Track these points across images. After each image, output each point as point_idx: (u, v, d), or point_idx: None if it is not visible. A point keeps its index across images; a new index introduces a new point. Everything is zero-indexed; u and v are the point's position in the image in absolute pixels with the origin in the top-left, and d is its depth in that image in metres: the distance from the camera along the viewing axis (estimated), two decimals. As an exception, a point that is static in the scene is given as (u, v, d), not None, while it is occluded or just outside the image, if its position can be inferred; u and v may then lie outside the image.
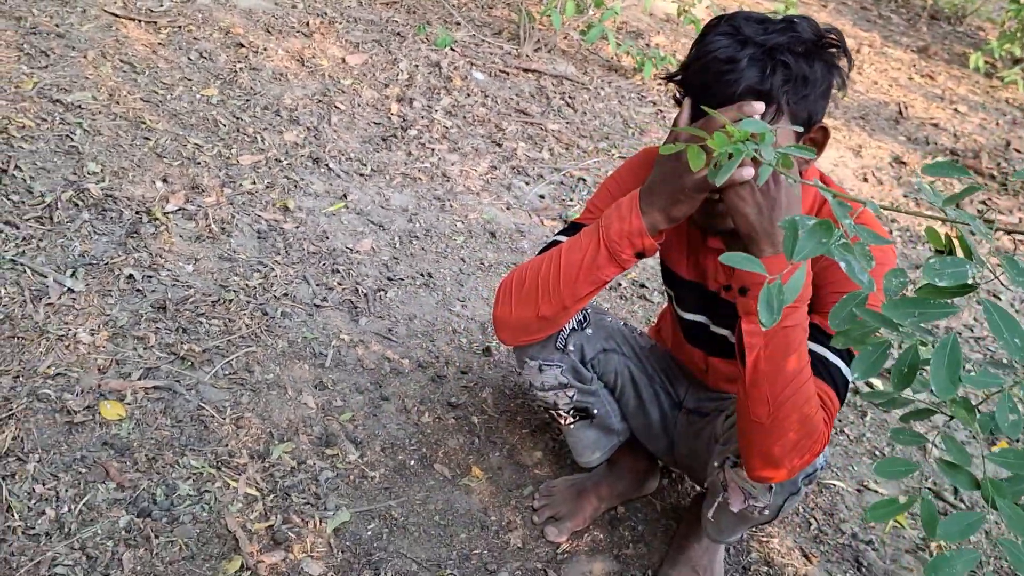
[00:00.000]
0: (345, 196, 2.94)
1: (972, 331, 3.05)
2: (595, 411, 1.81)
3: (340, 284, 2.55)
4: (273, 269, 2.52)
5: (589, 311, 1.77)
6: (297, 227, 2.73)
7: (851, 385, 1.48)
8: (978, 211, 3.91)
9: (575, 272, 1.46)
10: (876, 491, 2.30)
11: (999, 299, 3.28)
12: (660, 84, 4.37)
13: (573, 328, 1.73)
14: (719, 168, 0.78)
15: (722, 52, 1.30)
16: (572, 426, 1.85)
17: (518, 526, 1.97)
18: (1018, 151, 4.73)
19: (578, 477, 2.06)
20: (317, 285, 2.52)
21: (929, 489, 2.35)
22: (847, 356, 1.43)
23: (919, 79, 5.58)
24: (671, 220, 1.36)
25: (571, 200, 3.27)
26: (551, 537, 1.94)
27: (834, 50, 1.37)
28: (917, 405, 0.80)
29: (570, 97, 4.01)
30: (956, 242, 0.76)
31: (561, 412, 1.81)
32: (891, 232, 3.58)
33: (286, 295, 2.44)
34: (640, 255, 1.43)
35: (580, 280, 1.46)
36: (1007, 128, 5.05)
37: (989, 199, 4.02)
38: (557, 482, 2.06)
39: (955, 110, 5.16)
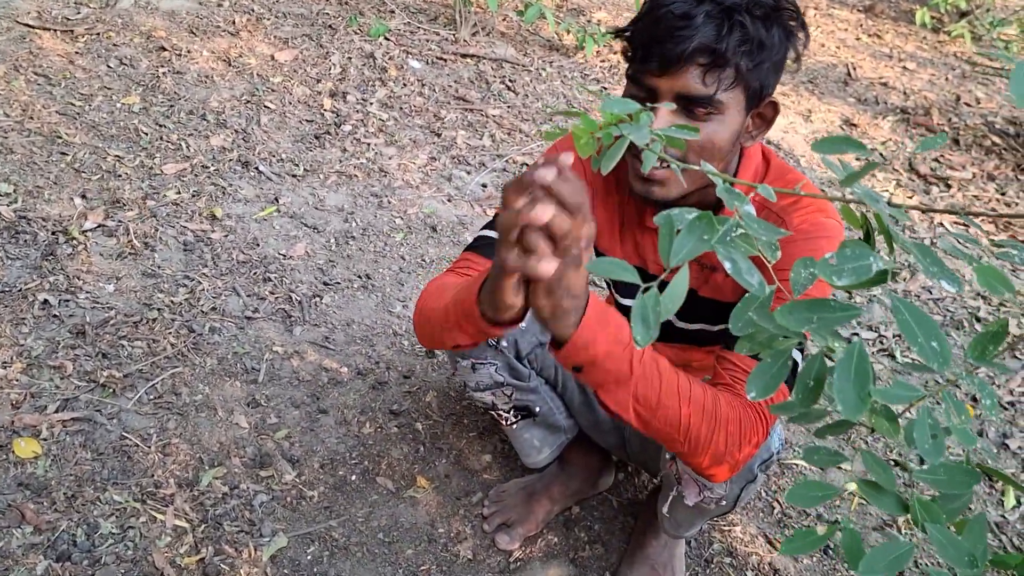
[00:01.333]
0: (276, 200, 2.82)
1: (931, 292, 2.99)
2: (537, 409, 1.72)
3: (272, 293, 2.43)
4: (200, 282, 2.39)
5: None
6: (226, 236, 2.60)
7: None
8: (931, 168, 3.84)
9: (454, 326, 1.24)
10: (841, 468, 2.22)
11: (956, 258, 3.21)
12: (603, 62, 4.26)
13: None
14: (601, 156, 0.68)
15: (677, 7, 1.20)
16: (515, 426, 1.75)
17: (468, 536, 1.87)
18: (968, 104, 4.67)
19: (528, 479, 1.97)
20: (248, 296, 2.40)
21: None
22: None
23: (866, 39, 5.51)
24: (498, 309, 1.07)
25: (514, 187, 3.16)
26: (502, 545, 1.85)
27: (792, 21, 1.28)
28: (832, 417, 0.70)
29: (510, 80, 3.89)
30: (875, 222, 0.66)
31: (501, 412, 1.71)
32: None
33: (214, 309, 2.32)
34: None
35: (460, 336, 1.24)
36: (956, 82, 4.99)
37: (942, 155, 3.96)
38: (507, 486, 1.96)
39: (904, 68, 5.10)
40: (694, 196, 1.37)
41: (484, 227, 1.55)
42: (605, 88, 4.04)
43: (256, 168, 2.95)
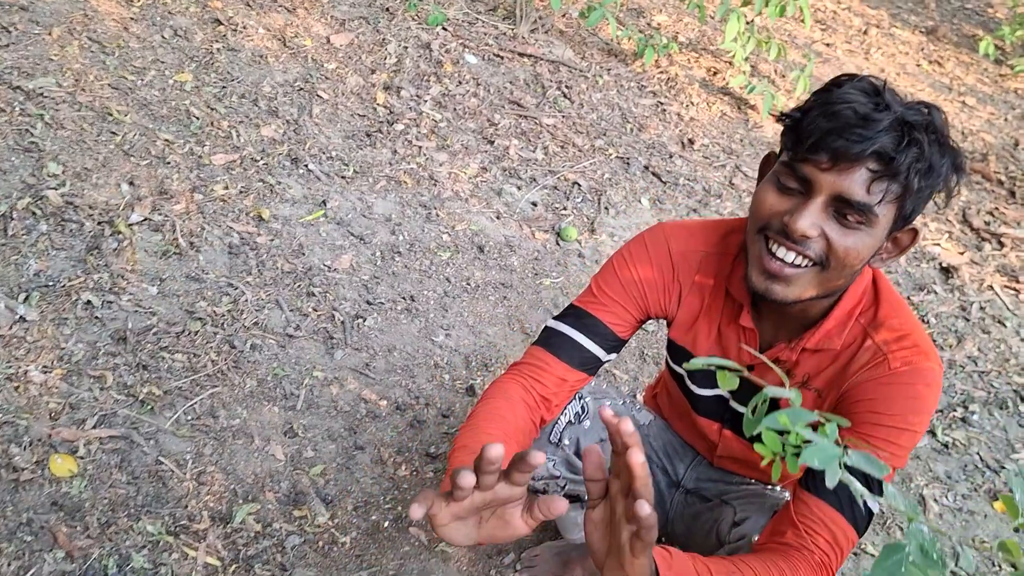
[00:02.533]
0: (324, 203, 2.77)
1: (976, 364, 2.93)
2: (586, 497, 1.68)
3: (315, 309, 2.39)
4: (244, 292, 2.36)
5: (588, 400, 1.63)
6: (271, 240, 2.56)
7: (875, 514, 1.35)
8: (984, 222, 3.76)
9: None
10: None
11: (1004, 325, 3.15)
12: (661, 73, 4.16)
13: (570, 421, 1.59)
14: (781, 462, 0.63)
15: (859, 107, 1.15)
16: (560, 507, 1.72)
17: (497, 600, 1.85)
18: (1026, 151, 4.57)
19: (563, 544, 1.94)
20: (291, 311, 2.36)
21: None
22: (876, 486, 1.30)
23: (927, 65, 5.38)
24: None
25: (565, 209, 3.10)
26: (532, 613, 1.83)
27: (958, 157, 1.21)
28: None
29: (567, 87, 3.81)
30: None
31: (548, 492, 1.68)
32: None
33: (256, 324, 2.28)
34: None
35: None
36: (1016, 124, 4.88)
37: (996, 209, 3.88)
38: (540, 549, 1.94)
39: (963, 103, 4.98)
40: (805, 303, 1.31)
41: (555, 318, 1.50)
42: (661, 103, 3.95)
43: (306, 165, 2.89)
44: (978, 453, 2.57)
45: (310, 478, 1.97)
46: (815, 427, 0.61)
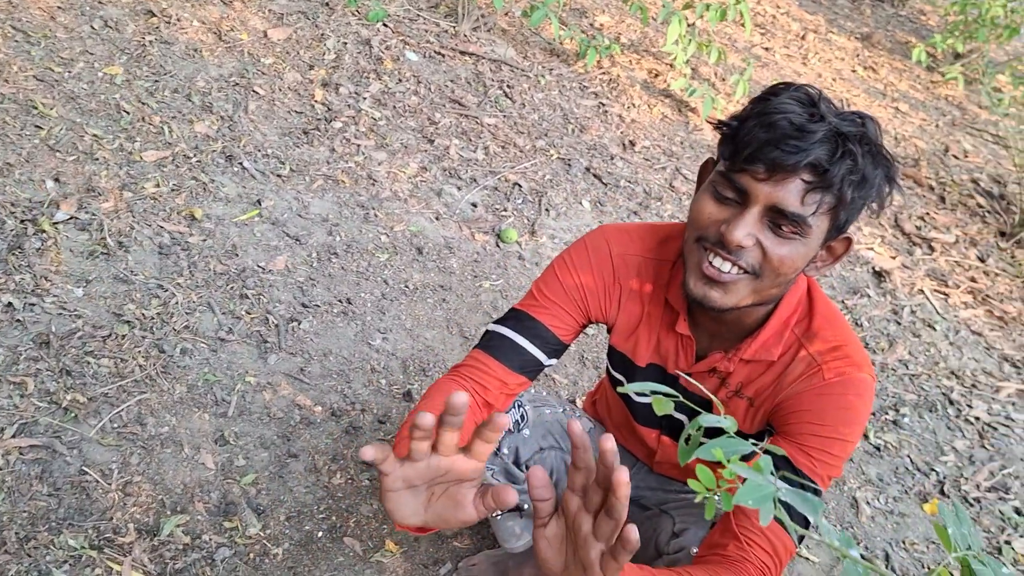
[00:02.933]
0: (259, 202, 2.70)
1: (907, 367, 2.99)
2: (526, 507, 1.66)
3: (248, 312, 2.33)
4: (174, 294, 2.29)
5: (527, 408, 1.62)
6: (204, 240, 2.49)
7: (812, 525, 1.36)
8: (916, 227, 3.84)
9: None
10: None
11: (934, 329, 3.22)
12: (603, 74, 4.16)
13: (509, 430, 1.57)
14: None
15: (794, 117, 1.14)
16: (499, 517, 1.70)
17: (433, 611, 1.82)
18: (956, 157, 4.69)
19: (500, 554, 1.92)
20: (223, 314, 2.30)
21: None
22: (812, 492, 1.30)
23: (862, 71, 5.48)
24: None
25: (505, 210, 3.08)
26: (468, 624, 1.80)
27: (890, 169, 1.22)
28: None
29: (508, 86, 3.79)
30: None
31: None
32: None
33: (187, 328, 2.22)
34: None
35: None
36: (946, 131, 5.00)
37: (927, 214, 3.96)
38: (477, 559, 1.92)
39: (896, 109, 5.09)
40: (741, 311, 1.31)
41: (496, 322, 1.48)
42: (603, 104, 3.95)
43: (240, 163, 2.82)
44: (909, 456, 2.62)
45: (241, 487, 1.92)
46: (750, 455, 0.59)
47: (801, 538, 1.30)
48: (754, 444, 0.63)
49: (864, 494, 2.45)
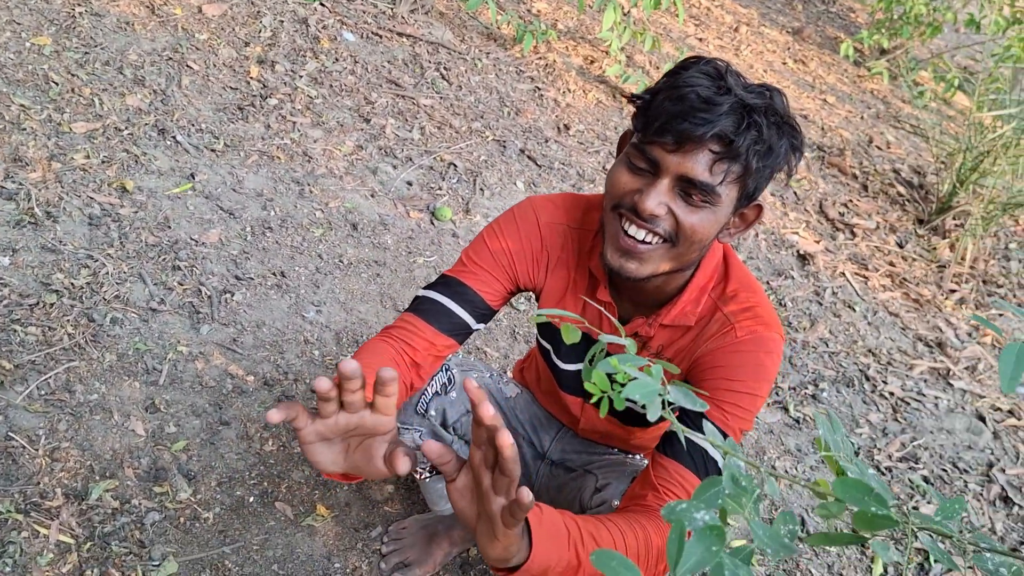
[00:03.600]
0: (193, 176, 2.69)
1: (827, 345, 3.11)
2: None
3: (181, 284, 2.33)
4: (104, 264, 2.27)
5: (455, 372, 1.66)
6: (135, 212, 2.48)
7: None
8: (839, 213, 3.98)
9: None
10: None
11: (853, 310, 3.35)
12: (540, 59, 4.22)
13: (436, 392, 1.61)
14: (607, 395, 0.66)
15: (702, 90, 1.20)
16: (427, 479, 1.74)
17: (364, 573, 1.85)
18: (879, 148, 4.85)
19: (429, 518, 1.96)
20: (154, 284, 2.29)
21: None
22: (720, 436, 1.37)
23: (792, 64, 5.63)
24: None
25: (440, 189, 3.11)
26: (398, 586, 1.84)
27: (796, 139, 1.28)
28: None
29: (445, 68, 3.81)
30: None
31: (416, 469, 1.70)
32: (757, 235, 3.59)
33: (117, 297, 2.21)
34: None
35: None
36: (871, 123, 5.17)
37: (851, 201, 4.10)
38: (407, 523, 1.95)
39: (824, 100, 5.24)
40: (660, 278, 1.37)
41: (427, 287, 1.52)
42: (539, 88, 4.00)
43: (173, 137, 2.80)
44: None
45: (172, 454, 1.93)
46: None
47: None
48: (650, 360, 0.68)
49: (783, 464, 2.54)
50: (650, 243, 1.29)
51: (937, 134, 4.83)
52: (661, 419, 1.68)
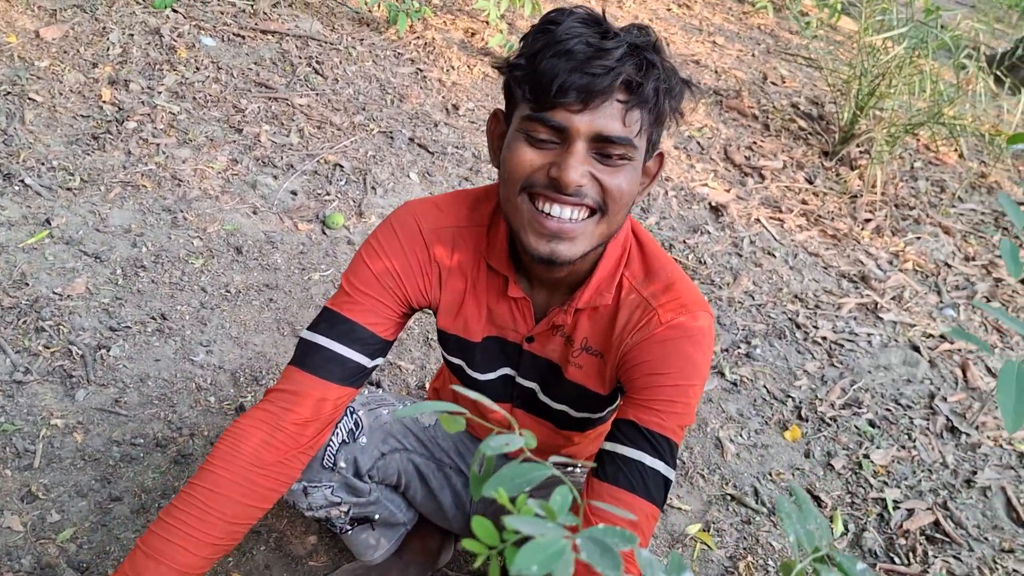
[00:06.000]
0: (48, 221, 2.43)
1: (753, 298, 3.00)
2: (376, 516, 1.54)
3: (47, 347, 2.08)
4: (-45, 339, 2.02)
5: (360, 413, 1.47)
6: (-14, 273, 2.21)
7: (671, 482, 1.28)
8: (745, 157, 3.88)
9: None
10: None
11: (774, 256, 3.26)
12: (417, 39, 4.00)
13: (343, 440, 1.43)
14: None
15: (590, 38, 1.06)
16: (350, 532, 1.56)
17: (294, 642, 1.67)
18: (774, 84, 4.77)
19: (360, 566, 1.78)
20: (16, 352, 2.04)
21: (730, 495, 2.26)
22: (668, 452, 1.22)
23: (677, 9, 5.52)
24: None
25: (328, 194, 2.90)
26: (334, 649, 1.67)
27: (677, 71, 1.15)
28: None
29: (318, 62, 3.57)
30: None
31: (335, 524, 1.52)
32: (666, 193, 3.47)
33: (-26, 375, 1.96)
34: None
35: None
36: (762, 59, 5.09)
37: (755, 143, 4.01)
38: (337, 574, 1.77)
39: (713, 43, 5.14)
40: (583, 257, 1.21)
41: (309, 328, 1.32)
42: (420, 70, 3.79)
43: (22, 180, 2.53)
44: (765, 386, 2.62)
45: (58, 546, 1.70)
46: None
47: (665, 493, 1.23)
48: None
49: (727, 432, 2.43)
50: (579, 219, 1.13)
51: (830, 62, 4.77)
52: (602, 421, 1.53)
